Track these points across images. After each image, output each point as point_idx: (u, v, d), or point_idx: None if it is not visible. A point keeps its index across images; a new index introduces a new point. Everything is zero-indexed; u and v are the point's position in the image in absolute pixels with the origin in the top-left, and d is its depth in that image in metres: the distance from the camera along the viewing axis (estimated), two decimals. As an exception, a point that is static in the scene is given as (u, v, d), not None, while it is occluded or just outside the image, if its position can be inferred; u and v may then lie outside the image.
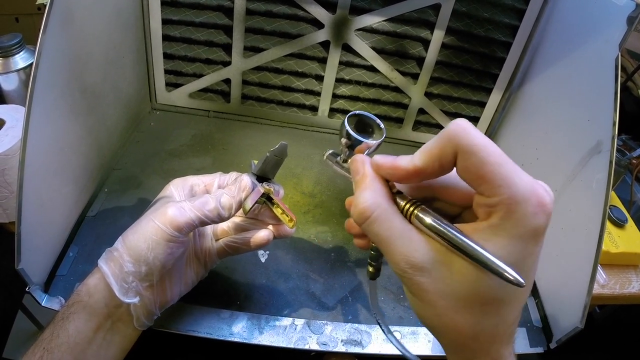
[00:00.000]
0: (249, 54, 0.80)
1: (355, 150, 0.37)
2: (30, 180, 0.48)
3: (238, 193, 0.45)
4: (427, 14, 0.74)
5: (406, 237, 0.28)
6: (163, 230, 0.41)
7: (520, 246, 0.25)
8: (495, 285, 0.26)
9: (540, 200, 0.25)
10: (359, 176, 0.31)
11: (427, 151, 0.28)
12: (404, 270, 0.28)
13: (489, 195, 0.25)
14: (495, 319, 0.27)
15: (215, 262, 0.51)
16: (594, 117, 0.58)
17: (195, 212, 0.42)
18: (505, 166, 0.25)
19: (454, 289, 0.27)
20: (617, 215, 0.77)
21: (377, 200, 0.29)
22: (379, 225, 0.28)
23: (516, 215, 0.25)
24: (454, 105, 0.85)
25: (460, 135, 0.26)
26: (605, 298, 0.72)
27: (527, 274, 0.26)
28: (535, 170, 0.72)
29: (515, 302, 0.28)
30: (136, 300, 0.42)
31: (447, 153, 0.26)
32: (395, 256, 0.28)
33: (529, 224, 0.25)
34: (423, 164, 0.28)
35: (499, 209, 0.25)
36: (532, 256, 0.26)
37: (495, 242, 0.25)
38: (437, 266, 0.27)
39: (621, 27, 0.54)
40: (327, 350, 0.54)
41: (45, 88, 0.50)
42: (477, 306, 0.27)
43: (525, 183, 0.25)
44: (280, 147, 0.45)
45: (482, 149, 0.25)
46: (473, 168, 0.25)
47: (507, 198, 0.24)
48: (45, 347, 0.39)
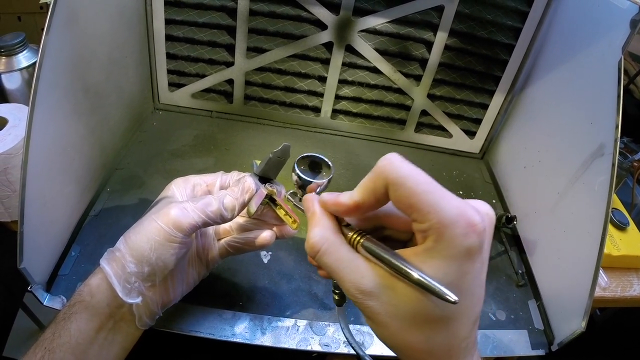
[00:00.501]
0: (252, 54, 0.80)
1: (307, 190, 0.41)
2: (33, 179, 0.48)
3: (241, 195, 0.45)
4: (430, 16, 0.74)
5: (353, 266, 0.30)
6: (166, 231, 0.41)
7: (455, 266, 0.27)
8: (437, 303, 0.27)
9: (469, 221, 0.26)
10: (309, 214, 0.34)
11: (362, 186, 0.30)
12: (355, 295, 0.30)
13: (420, 222, 0.27)
14: (445, 335, 0.29)
15: (217, 261, 0.51)
16: (596, 120, 0.58)
17: (198, 213, 0.42)
18: (432, 193, 0.27)
19: (401, 310, 0.28)
20: (619, 218, 0.77)
21: (325, 234, 0.32)
22: (328, 257, 0.31)
23: (446, 237, 0.26)
24: (457, 107, 0.85)
25: (388, 169, 0.28)
26: (607, 301, 0.72)
27: (467, 290, 0.27)
28: (537, 172, 0.72)
29: (462, 317, 0.29)
30: (139, 301, 0.42)
31: (379, 186, 0.29)
32: (345, 283, 0.30)
33: (460, 244, 0.26)
34: (360, 199, 0.31)
35: (430, 233, 0.27)
36: (469, 274, 0.27)
37: (431, 264, 0.27)
38: (383, 290, 0.29)
39: (624, 30, 0.54)
40: (329, 351, 0.54)
41: (48, 87, 0.50)
42: (425, 324, 0.28)
43: (452, 206, 0.26)
44: (283, 148, 0.46)
45: (409, 179, 0.27)
46: (403, 198, 0.27)
47: (436, 223, 0.26)
48: (47, 346, 0.39)
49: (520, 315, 0.62)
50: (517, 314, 0.62)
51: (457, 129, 0.88)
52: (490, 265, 0.73)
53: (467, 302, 0.28)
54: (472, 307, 0.29)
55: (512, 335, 0.59)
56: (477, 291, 0.29)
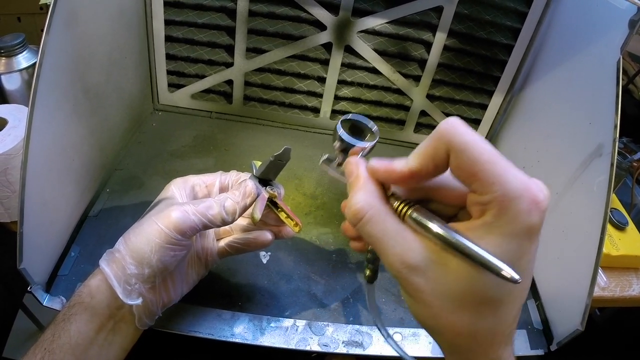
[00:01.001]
0: (252, 55, 0.80)
1: (349, 153, 0.37)
2: (33, 179, 0.48)
3: (242, 198, 0.45)
4: (429, 17, 0.74)
5: (400, 237, 0.28)
6: (166, 234, 0.41)
7: (515, 244, 0.25)
8: (491, 284, 0.26)
9: (534, 198, 0.24)
10: (352, 178, 0.32)
11: (420, 152, 0.28)
12: (399, 270, 0.28)
13: (481, 193, 0.25)
14: (493, 319, 0.27)
15: (215, 261, 0.51)
16: (595, 120, 0.58)
17: (199, 217, 0.42)
18: (497, 163, 0.25)
19: (449, 288, 0.27)
20: (618, 218, 0.77)
21: (371, 201, 0.29)
22: (373, 226, 0.28)
23: (509, 212, 0.24)
24: (456, 107, 0.85)
25: (451, 133, 0.26)
26: (606, 301, 0.72)
27: (523, 272, 0.25)
28: (536, 172, 0.72)
29: (512, 301, 0.27)
30: (139, 302, 0.42)
31: (440, 152, 0.26)
32: (389, 257, 0.28)
33: (523, 221, 0.24)
34: (418, 166, 0.28)
35: (492, 206, 0.25)
36: (527, 254, 0.26)
37: (489, 240, 0.25)
38: (432, 266, 0.27)
39: (623, 30, 0.54)
40: (328, 351, 0.54)
41: (48, 88, 0.50)
42: (474, 306, 0.27)
43: (519, 180, 0.24)
44: (284, 151, 0.45)
45: (473, 146, 0.25)
46: (465, 166, 0.25)
47: (500, 195, 0.24)
48: (47, 347, 0.39)
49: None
50: (516, 314, 0.62)
51: (457, 129, 0.87)
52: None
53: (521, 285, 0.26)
54: (523, 291, 0.27)
55: (511, 335, 0.59)
56: (530, 274, 0.27)
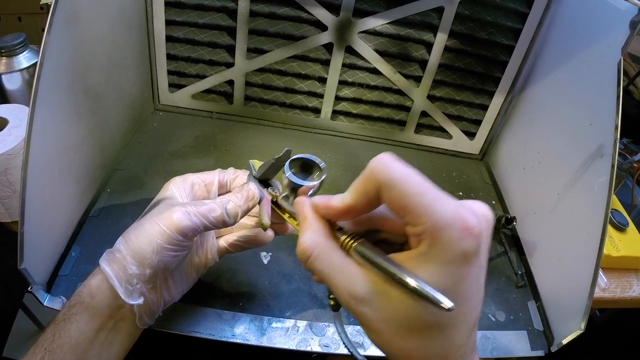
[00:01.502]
0: (252, 55, 0.80)
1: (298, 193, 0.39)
2: (34, 180, 0.48)
3: (245, 202, 0.45)
4: (430, 17, 0.74)
5: (345, 271, 0.29)
6: (168, 235, 0.41)
7: (450, 271, 0.25)
8: (431, 309, 0.26)
9: (465, 224, 0.25)
10: (300, 217, 0.33)
11: (354, 189, 0.29)
12: (348, 302, 0.29)
13: (414, 225, 0.26)
14: (441, 342, 0.28)
15: (215, 259, 0.51)
16: (596, 121, 0.58)
17: (201, 219, 0.42)
18: (426, 195, 0.25)
19: (395, 316, 0.27)
20: (619, 219, 0.77)
21: (316, 239, 0.30)
22: (320, 262, 0.30)
23: (441, 241, 0.25)
24: (457, 108, 0.85)
25: (379, 170, 0.27)
26: (606, 302, 0.72)
27: (464, 296, 0.26)
28: (537, 173, 0.72)
29: (459, 324, 0.28)
30: (140, 302, 0.42)
31: (371, 189, 0.28)
32: (338, 289, 0.29)
33: (455, 248, 0.25)
34: (352, 201, 0.29)
35: (424, 237, 0.25)
36: (466, 279, 0.26)
37: (426, 269, 0.26)
38: (376, 296, 0.28)
39: (624, 31, 0.54)
40: (329, 352, 0.54)
41: (49, 88, 0.50)
42: (420, 332, 0.27)
43: (448, 209, 0.25)
44: (286, 152, 0.46)
45: (401, 181, 0.26)
46: (395, 200, 0.26)
47: (430, 226, 0.25)
48: (47, 347, 0.39)
49: (519, 316, 0.62)
50: (517, 315, 0.62)
51: (457, 130, 0.88)
52: (489, 266, 0.73)
53: (464, 309, 0.27)
54: (469, 312, 0.28)
55: (512, 336, 0.59)
56: (474, 296, 0.28)
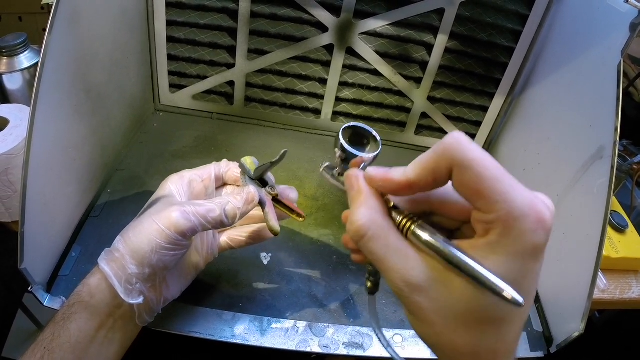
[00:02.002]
0: (253, 56, 0.80)
1: (350, 164, 0.36)
2: (34, 179, 0.48)
3: (245, 205, 0.45)
4: (430, 19, 0.74)
5: (402, 255, 0.27)
6: (167, 234, 0.41)
7: (519, 264, 0.24)
8: (494, 304, 0.25)
9: (540, 217, 0.24)
10: (353, 192, 0.31)
11: (421, 164, 0.27)
12: (401, 289, 0.27)
13: (486, 212, 0.24)
14: (495, 338, 0.27)
15: (214, 255, 0.51)
16: (595, 123, 0.58)
17: (200, 219, 0.42)
18: (502, 181, 0.24)
19: (452, 308, 0.26)
20: (618, 220, 0.77)
21: (373, 217, 0.28)
22: (375, 244, 0.28)
23: (514, 232, 0.24)
24: (457, 109, 0.85)
25: (455, 149, 0.25)
26: (605, 303, 0.72)
27: (527, 292, 0.25)
28: (536, 175, 0.72)
29: (515, 320, 0.27)
30: (140, 301, 0.42)
31: (442, 167, 0.26)
32: (391, 274, 0.27)
33: (528, 241, 0.24)
34: (416, 177, 0.27)
35: (496, 225, 0.24)
36: (531, 274, 0.25)
37: (494, 260, 0.25)
38: (434, 285, 0.26)
39: (624, 33, 0.54)
40: (328, 352, 0.54)
41: (50, 88, 0.50)
42: (476, 325, 0.26)
43: (524, 198, 0.24)
44: (283, 155, 0.46)
45: (478, 163, 0.24)
46: (469, 183, 0.25)
47: (505, 214, 0.24)
48: (46, 346, 0.39)
49: (519, 318, 0.62)
50: (517, 316, 0.62)
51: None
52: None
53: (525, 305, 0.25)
54: (525, 310, 0.27)
55: (512, 337, 0.59)
56: (533, 292, 0.27)
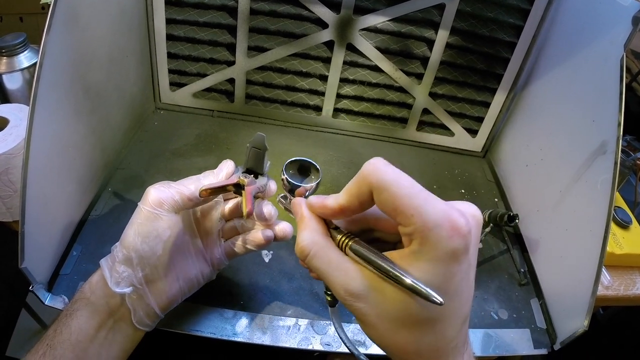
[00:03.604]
0: (253, 53, 0.80)
1: (295, 194, 0.42)
2: (34, 179, 0.48)
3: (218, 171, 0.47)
4: (431, 14, 0.74)
5: (342, 269, 0.31)
6: (146, 211, 0.42)
7: (441, 268, 0.27)
8: (422, 305, 0.28)
9: (453, 224, 0.26)
10: (297, 217, 0.35)
11: (347, 190, 0.31)
12: (344, 298, 0.30)
13: (405, 225, 0.27)
14: (433, 336, 0.29)
15: (223, 262, 0.50)
16: (598, 118, 0.58)
17: (175, 188, 0.43)
18: (416, 197, 0.27)
19: (389, 312, 0.29)
20: (622, 216, 0.77)
21: (314, 238, 0.32)
22: (317, 260, 0.31)
23: (430, 240, 0.26)
24: (459, 105, 0.85)
25: (372, 173, 0.28)
26: (610, 299, 0.72)
27: (454, 292, 0.28)
28: (539, 171, 0.72)
29: (450, 318, 0.29)
30: (128, 291, 0.42)
31: (364, 191, 0.29)
32: (335, 286, 0.31)
33: (445, 247, 0.26)
34: (346, 202, 0.31)
35: (415, 236, 0.27)
36: (456, 276, 0.28)
37: (417, 267, 0.27)
38: (372, 292, 0.29)
39: (626, 27, 0.54)
40: (330, 350, 0.54)
41: (49, 87, 0.50)
42: (412, 325, 0.29)
43: (437, 210, 0.27)
44: (256, 138, 0.45)
45: (392, 184, 0.27)
46: (387, 202, 0.28)
47: (421, 226, 0.26)
48: (49, 343, 0.40)
49: (522, 314, 0.61)
50: (520, 313, 0.61)
51: (459, 127, 0.87)
52: (492, 264, 0.73)
53: (454, 303, 0.28)
54: (459, 307, 0.29)
55: (515, 334, 0.59)
56: (464, 292, 0.29)
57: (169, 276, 0.45)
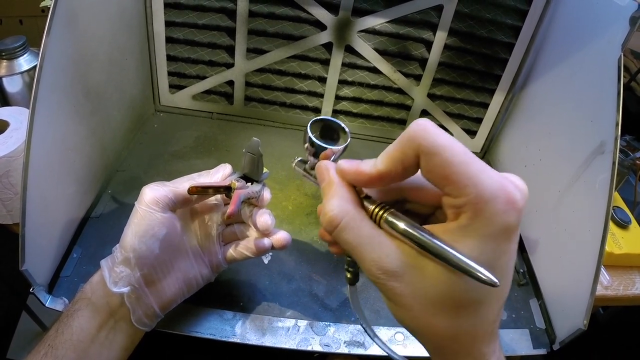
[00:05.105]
0: (252, 55, 0.80)
1: (320, 157, 0.37)
2: (34, 181, 0.48)
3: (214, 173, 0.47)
4: (429, 15, 0.74)
5: (376, 243, 0.27)
6: (142, 210, 0.42)
7: (492, 245, 0.25)
8: (470, 286, 0.25)
9: (509, 197, 0.24)
10: (325, 183, 0.31)
11: (389, 154, 0.27)
12: (377, 276, 0.27)
13: (455, 196, 0.25)
14: (473, 320, 0.27)
15: (222, 266, 0.50)
16: (597, 118, 0.58)
17: (169, 187, 0.44)
18: (470, 165, 0.24)
19: (428, 292, 0.26)
20: (621, 216, 0.77)
21: (345, 207, 0.29)
22: (348, 233, 0.28)
23: (484, 214, 0.24)
24: (457, 106, 0.85)
25: (421, 136, 0.25)
26: (609, 299, 0.72)
27: (502, 272, 0.25)
28: (538, 171, 0.72)
29: (493, 301, 0.27)
30: (125, 290, 0.42)
31: (410, 155, 0.26)
32: (366, 263, 0.28)
33: (499, 222, 0.24)
34: (385, 168, 0.28)
35: (466, 209, 0.24)
36: (505, 254, 0.25)
37: (466, 243, 0.25)
38: (409, 270, 0.27)
39: (624, 27, 0.54)
40: (329, 351, 0.54)
41: (49, 90, 0.50)
42: (454, 308, 0.26)
43: (493, 180, 0.24)
44: (251, 143, 0.45)
45: (445, 148, 0.24)
46: (437, 169, 0.25)
47: (474, 197, 0.24)
48: (50, 343, 0.40)
49: (521, 315, 0.61)
50: (519, 313, 0.62)
51: (458, 128, 0.87)
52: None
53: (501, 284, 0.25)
54: (504, 289, 0.27)
55: (514, 335, 0.59)
56: (510, 272, 0.27)
57: (167, 276, 0.45)
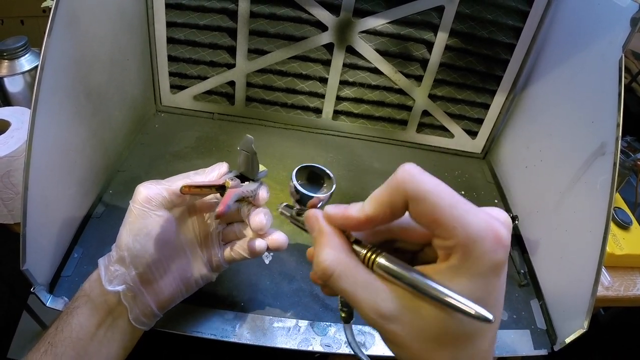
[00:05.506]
0: (253, 56, 0.80)
1: (308, 205, 0.37)
2: (36, 181, 0.48)
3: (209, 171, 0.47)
4: (430, 16, 0.74)
5: (371, 289, 0.28)
6: (136, 208, 0.42)
7: (483, 283, 0.25)
8: (464, 321, 0.26)
9: (496, 236, 0.25)
10: (315, 232, 0.31)
11: (376, 199, 0.28)
12: (374, 320, 0.28)
13: (445, 238, 0.25)
14: (470, 351, 0.27)
15: (222, 266, 0.50)
16: (598, 119, 0.58)
17: (164, 185, 0.44)
18: (457, 207, 0.25)
19: (425, 331, 0.27)
20: (622, 217, 0.77)
21: (337, 256, 0.29)
22: (343, 282, 0.28)
23: (474, 254, 0.25)
24: (458, 107, 0.85)
25: (408, 181, 0.26)
26: (610, 300, 0.72)
27: (493, 305, 0.26)
28: (539, 172, 0.72)
29: (486, 332, 0.28)
30: (120, 289, 0.42)
31: (397, 201, 0.26)
32: (363, 308, 0.28)
33: (488, 261, 0.25)
34: (373, 213, 0.28)
35: (456, 250, 0.25)
36: (495, 290, 0.26)
37: (458, 283, 0.25)
38: (405, 312, 0.27)
39: (625, 28, 0.54)
40: (330, 351, 0.54)
41: (50, 90, 0.50)
42: (451, 343, 0.27)
43: (480, 220, 0.25)
44: (244, 140, 0.45)
45: (432, 193, 0.25)
46: (425, 213, 0.26)
47: (463, 239, 0.24)
48: (50, 341, 0.40)
49: (522, 315, 0.61)
50: (520, 314, 0.61)
51: (459, 129, 0.88)
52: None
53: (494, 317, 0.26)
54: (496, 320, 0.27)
55: (515, 335, 0.59)
56: (500, 303, 0.28)
57: (164, 275, 0.45)
